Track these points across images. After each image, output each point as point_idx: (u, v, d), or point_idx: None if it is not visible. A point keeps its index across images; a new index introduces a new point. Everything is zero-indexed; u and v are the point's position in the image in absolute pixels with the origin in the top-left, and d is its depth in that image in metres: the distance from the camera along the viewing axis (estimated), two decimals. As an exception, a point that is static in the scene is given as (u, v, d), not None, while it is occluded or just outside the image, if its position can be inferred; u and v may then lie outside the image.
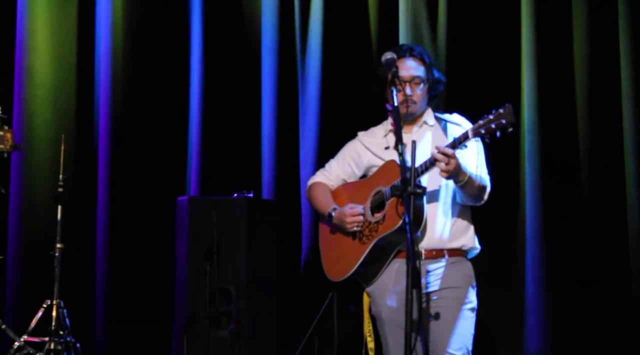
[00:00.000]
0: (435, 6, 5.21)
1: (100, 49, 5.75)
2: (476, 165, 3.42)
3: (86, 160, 5.69)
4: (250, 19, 5.73)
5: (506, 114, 3.15)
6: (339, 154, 3.83)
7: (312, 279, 5.17)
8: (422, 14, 5.22)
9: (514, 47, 5.01)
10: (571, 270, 4.79)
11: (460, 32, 5.11)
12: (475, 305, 3.50)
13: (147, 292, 5.46)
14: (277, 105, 5.62)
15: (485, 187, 3.44)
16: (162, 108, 5.69)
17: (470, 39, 5.07)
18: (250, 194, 5.04)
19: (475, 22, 5.07)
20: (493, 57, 5.02)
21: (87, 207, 5.63)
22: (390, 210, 3.43)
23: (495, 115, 3.17)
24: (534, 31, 4.94)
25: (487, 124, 3.17)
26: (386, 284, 3.52)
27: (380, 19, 5.40)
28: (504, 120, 3.14)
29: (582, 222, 4.78)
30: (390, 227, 3.39)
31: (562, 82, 4.88)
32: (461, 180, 3.31)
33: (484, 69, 5.02)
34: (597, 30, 4.82)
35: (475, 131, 3.21)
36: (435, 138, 3.52)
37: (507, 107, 3.17)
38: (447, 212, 3.48)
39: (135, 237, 5.54)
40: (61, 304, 4.98)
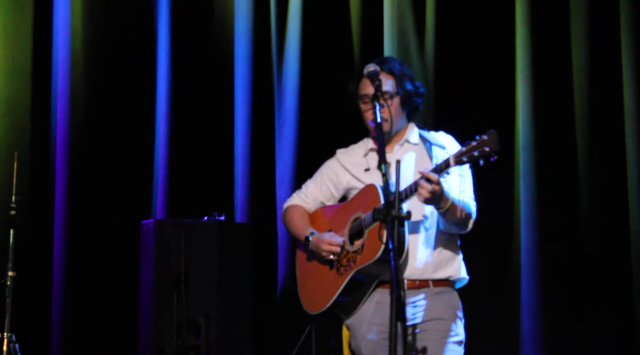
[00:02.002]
0: (423, 13, 5.26)
1: (57, 58, 5.75)
2: (460, 190, 3.43)
3: (41, 180, 5.67)
4: (222, 25, 5.76)
5: (490, 141, 3.13)
6: (317, 174, 3.83)
7: (288, 309, 5.18)
8: (408, 20, 5.28)
9: (508, 56, 5.07)
10: (570, 299, 4.82)
11: (450, 41, 5.16)
12: (463, 338, 3.51)
13: (108, 324, 5.45)
14: (251, 119, 5.65)
15: (470, 214, 3.45)
16: (126, 122, 5.69)
17: (460, 48, 5.13)
18: (221, 216, 5.06)
19: (466, 29, 5.13)
20: (485, 67, 5.07)
21: (42, 231, 5.62)
22: (369, 240, 3.43)
23: (478, 142, 3.15)
24: (530, 41, 5.00)
25: (470, 151, 3.16)
26: (365, 317, 3.52)
27: (363, 26, 5.46)
28: (488, 147, 3.12)
29: (582, 247, 4.82)
30: (370, 258, 3.40)
31: (559, 96, 4.93)
32: (443, 206, 3.31)
33: (475, 81, 5.06)
34: (597, 41, 4.88)
35: (457, 159, 3.20)
36: (419, 160, 3.53)
37: (491, 133, 3.14)
38: (430, 240, 3.49)
39: (96, 264, 5.53)
40: (12, 338, 4.93)
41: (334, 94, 5.13)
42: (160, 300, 4.85)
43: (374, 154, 3.62)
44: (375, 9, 5.38)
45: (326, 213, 3.75)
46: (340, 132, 4.26)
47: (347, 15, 5.48)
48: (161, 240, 4.92)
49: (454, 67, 5.13)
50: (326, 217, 3.73)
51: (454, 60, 5.13)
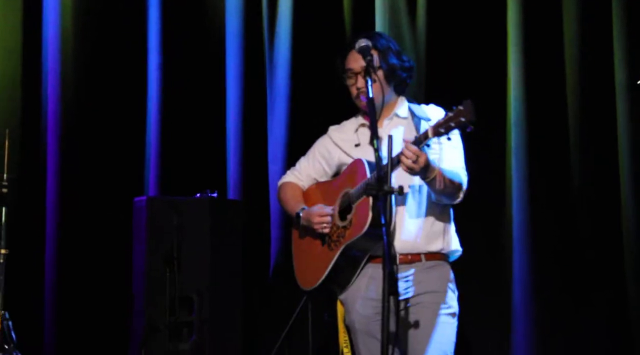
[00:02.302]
0: (414, -11, 5.26)
1: (47, 34, 5.73)
2: (449, 160, 3.45)
3: (33, 157, 5.67)
4: (213, 2, 5.74)
5: (466, 111, 3.15)
6: (309, 151, 3.87)
7: (282, 285, 5.20)
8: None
9: (499, 32, 5.06)
10: (561, 273, 4.85)
11: (441, 17, 5.16)
12: (457, 310, 3.54)
13: (101, 302, 5.46)
14: (242, 96, 5.65)
15: (460, 183, 3.47)
16: (117, 99, 5.69)
17: (451, 24, 5.13)
18: (214, 193, 5.07)
19: (458, 5, 5.12)
20: (477, 43, 5.07)
21: (34, 208, 5.62)
22: (357, 214, 3.47)
23: (455, 112, 3.17)
24: (521, 16, 4.99)
25: (447, 122, 3.18)
26: (359, 291, 3.56)
27: (355, 3, 5.44)
28: (464, 118, 3.14)
29: (573, 222, 4.84)
30: (357, 232, 3.43)
31: (551, 71, 4.93)
32: (428, 176, 3.33)
33: (466, 57, 5.07)
34: (588, 14, 4.87)
35: (435, 130, 3.22)
36: (407, 134, 3.54)
37: (467, 103, 3.17)
38: (420, 212, 3.52)
39: (88, 242, 5.54)
40: (6, 316, 4.95)
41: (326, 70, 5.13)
42: (152, 277, 4.87)
43: (365, 129, 3.65)
44: (367, -15, 5.37)
45: (319, 189, 3.80)
46: (332, 108, 4.29)
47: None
48: (153, 217, 4.93)
49: (445, 43, 5.13)
50: (318, 192, 3.78)
51: (445, 36, 5.14)
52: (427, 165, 3.29)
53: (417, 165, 3.24)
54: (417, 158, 3.23)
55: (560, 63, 4.93)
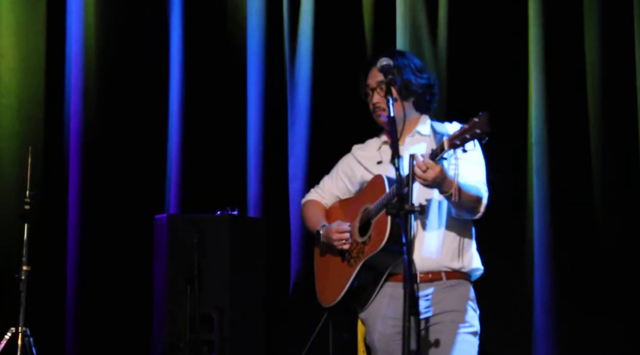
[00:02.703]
0: (436, 6, 5.27)
1: (71, 52, 5.80)
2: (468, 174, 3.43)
3: (55, 175, 5.73)
4: (235, 21, 5.78)
5: (481, 123, 3.14)
6: (333, 169, 3.88)
7: (302, 303, 5.20)
8: (421, 14, 5.29)
9: (521, 50, 5.07)
10: (583, 292, 4.82)
11: (463, 35, 5.17)
12: (478, 329, 3.52)
13: (122, 319, 5.49)
14: (263, 114, 5.67)
15: (480, 197, 3.44)
16: (139, 117, 5.74)
17: (473, 42, 5.14)
18: (234, 211, 5.08)
19: (479, 23, 5.13)
20: (498, 61, 5.08)
21: (56, 225, 5.67)
22: (375, 229, 3.47)
23: (470, 124, 3.16)
24: (543, 34, 5.00)
25: (462, 134, 3.17)
26: (379, 310, 3.54)
27: (376, 20, 5.47)
28: (479, 129, 3.13)
29: (596, 242, 4.82)
30: (376, 247, 3.43)
31: (572, 90, 4.92)
32: (446, 190, 3.33)
33: (487, 74, 5.07)
34: (610, 34, 4.87)
35: (451, 142, 3.21)
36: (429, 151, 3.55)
37: (481, 115, 3.15)
38: (441, 229, 3.50)
39: (109, 259, 5.58)
40: (27, 332, 4.99)
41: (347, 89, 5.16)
42: (173, 295, 4.89)
43: (387, 147, 3.65)
44: (388, 3, 5.39)
45: (341, 207, 3.80)
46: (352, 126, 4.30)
47: (359, 10, 5.49)
48: (174, 235, 4.96)
49: (467, 61, 5.14)
50: (341, 210, 3.78)
51: (466, 54, 5.15)
52: (444, 178, 3.28)
53: (428, 176, 3.23)
54: (428, 169, 3.22)
55: (582, 80, 4.92)
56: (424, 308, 3.46)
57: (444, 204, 3.49)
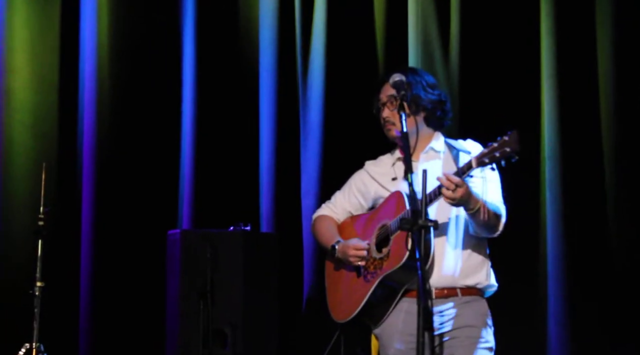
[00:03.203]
0: (447, 23, 5.28)
1: (84, 68, 5.83)
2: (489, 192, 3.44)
3: (69, 191, 5.74)
4: (247, 37, 5.81)
5: (511, 141, 3.17)
6: (345, 185, 3.90)
7: (315, 318, 5.19)
8: (432, 31, 5.30)
9: (533, 66, 5.08)
10: (597, 308, 4.80)
11: (474, 51, 5.18)
12: (493, 345, 3.52)
13: (135, 335, 5.50)
14: (276, 130, 5.69)
15: (500, 215, 3.47)
16: (152, 133, 5.76)
17: (485, 58, 5.14)
18: (247, 226, 5.09)
19: (491, 38, 5.14)
20: (510, 77, 5.09)
21: (69, 241, 5.68)
22: (395, 246, 3.47)
23: (499, 143, 3.19)
24: (555, 49, 5.00)
25: (491, 152, 3.20)
26: (394, 326, 3.55)
27: (388, 36, 5.49)
28: (509, 148, 3.17)
29: (609, 256, 4.80)
30: (395, 264, 3.44)
31: (585, 105, 4.92)
32: (472, 208, 3.34)
33: (500, 90, 5.07)
34: (622, 47, 4.87)
35: (479, 160, 3.24)
36: (446, 167, 3.56)
37: (512, 134, 3.19)
38: (458, 246, 3.52)
39: (123, 274, 5.59)
40: (41, 348, 4.99)
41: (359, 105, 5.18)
42: (186, 310, 4.89)
43: (401, 163, 3.66)
44: (400, 20, 5.41)
45: (354, 223, 3.81)
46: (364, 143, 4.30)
47: (371, 27, 5.52)
48: (187, 250, 4.96)
49: (479, 76, 5.14)
50: (354, 226, 3.79)
51: (478, 69, 5.15)
52: (470, 196, 3.29)
53: (457, 195, 3.25)
54: (456, 188, 3.23)
55: (595, 96, 4.92)
56: (440, 324, 3.47)
57: (461, 221, 3.50)
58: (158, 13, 5.85)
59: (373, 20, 5.55)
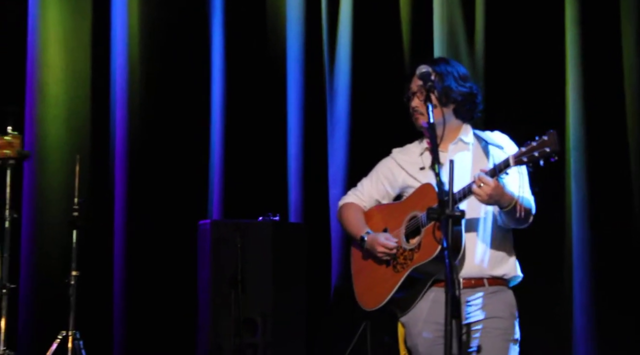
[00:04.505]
0: (472, 14, 5.26)
1: (115, 64, 5.89)
2: (520, 187, 3.43)
3: (102, 182, 5.81)
4: (275, 29, 5.83)
5: (551, 141, 3.15)
6: (372, 172, 3.84)
7: (342, 307, 5.21)
8: (458, 22, 5.29)
9: (557, 56, 5.05)
10: (623, 297, 4.78)
11: (499, 43, 5.16)
12: (518, 336, 3.53)
13: (167, 322, 5.55)
14: (303, 121, 5.71)
15: (530, 209, 3.46)
16: (182, 125, 5.80)
17: (510, 49, 5.12)
18: (276, 216, 5.12)
19: (516, 30, 5.12)
20: (535, 68, 5.07)
21: (103, 231, 5.74)
22: (426, 238, 3.46)
23: (538, 142, 3.17)
24: (580, 40, 4.98)
25: (530, 152, 3.18)
26: (422, 314, 3.55)
27: (414, 29, 5.48)
28: (548, 148, 3.15)
29: (634, 245, 4.78)
30: (427, 256, 3.43)
31: (610, 95, 4.89)
32: (506, 206, 3.34)
33: (525, 82, 5.06)
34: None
35: (517, 159, 3.23)
36: (475, 159, 3.55)
37: (551, 133, 3.16)
38: (487, 238, 3.51)
39: (155, 264, 5.64)
40: (77, 335, 5.05)
41: (385, 95, 5.19)
42: (217, 299, 4.94)
43: (429, 153, 3.64)
44: (425, 11, 5.40)
45: (381, 211, 3.77)
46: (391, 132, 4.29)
47: (397, 17, 5.51)
48: (218, 240, 5.01)
49: (504, 68, 5.13)
50: (381, 215, 3.75)
51: (503, 61, 5.14)
52: (502, 195, 3.29)
53: (487, 196, 3.25)
54: (490, 190, 3.24)
55: (620, 86, 4.89)
56: (467, 313, 3.47)
57: (490, 213, 3.49)
58: (187, 8, 5.87)
59: (399, 12, 5.54)
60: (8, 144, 3.11)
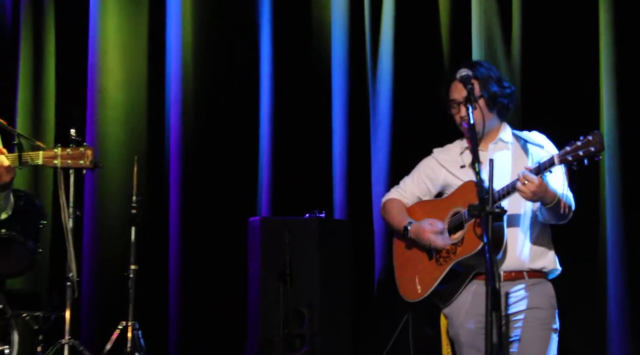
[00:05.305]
0: (509, 19, 5.24)
1: (170, 69, 5.95)
2: (562, 184, 3.41)
3: (158, 181, 5.87)
4: (320, 36, 5.84)
5: (595, 141, 3.15)
6: (414, 171, 3.87)
7: (385, 299, 5.21)
8: (495, 27, 5.26)
9: (591, 58, 5.00)
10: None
11: (535, 47, 5.13)
12: (558, 326, 3.52)
13: (219, 313, 5.59)
14: (348, 123, 5.72)
15: (570, 206, 3.46)
16: (233, 128, 5.85)
17: (545, 52, 5.10)
18: (322, 213, 5.13)
19: (551, 34, 5.09)
20: (570, 71, 5.03)
21: (159, 228, 5.80)
22: (469, 233, 3.47)
23: (583, 142, 3.18)
24: (613, 43, 4.93)
25: (575, 151, 3.19)
26: (463, 306, 3.57)
27: (453, 33, 5.46)
28: (593, 147, 3.15)
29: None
30: (470, 250, 3.44)
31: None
32: (549, 202, 3.34)
33: (560, 83, 5.02)
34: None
35: (562, 158, 3.23)
36: (515, 158, 3.55)
37: (596, 134, 3.17)
38: (526, 233, 3.51)
39: (208, 258, 5.69)
40: (136, 325, 5.13)
41: (425, 97, 5.18)
42: (266, 292, 4.96)
43: (469, 152, 3.63)
44: (464, 17, 5.37)
45: (423, 207, 3.79)
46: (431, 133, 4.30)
47: (437, 24, 5.50)
48: (267, 236, 5.03)
49: (540, 70, 5.10)
50: (423, 211, 3.76)
51: (539, 64, 5.11)
52: (546, 193, 3.27)
53: (532, 193, 3.24)
54: (534, 187, 3.23)
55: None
56: (508, 305, 3.46)
57: (529, 209, 3.48)
58: (237, 17, 5.92)
59: (438, 18, 5.52)
60: (82, 155, 3.27)
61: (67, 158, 3.27)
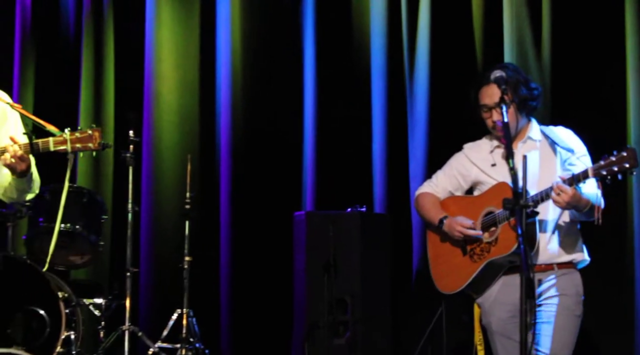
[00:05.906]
0: (539, 23, 5.25)
1: (220, 74, 6.01)
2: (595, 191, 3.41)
3: (209, 179, 5.93)
4: (360, 43, 5.86)
5: (629, 157, 3.14)
6: (446, 166, 3.89)
7: (423, 289, 5.25)
8: (526, 31, 5.27)
9: (618, 59, 5.00)
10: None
11: (565, 50, 5.15)
12: (581, 313, 3.54)
13: (268, 302, 5.66)
14: (387, 122, 5.73)
15: (600, 206, 3.45)
16: (279, 129, 5.90)
17: (574, 56, 5.11)
18: (363, 208, 5.18)
19: (580, 39, 5.10)
20: (597, 70, 5.03)
21: (211, 222, 5.87)
22: (503, 234, 3.50)
23: (617, 157, 3.17)
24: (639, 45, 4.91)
25: (609, 165, 3.18)
26: (495, 297, 3.60)
27: (485, 37, 5.48)
28: (627, 163, 3.14)
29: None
30: (504, 251, 3.47)
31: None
32: (583, 209, 3.36)
33: (589, 85, 5.02)
34: None
35: (596, 172, 3.21)
36: (543, 157, 3.57)
37: (630, 149, 3.16)
38: (556, 229, 3.54)
39: (256, 250, 5.75)
40: (191, 313, 5.23)
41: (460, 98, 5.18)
42: (312, 282, 5.00)
43: (500, 150, 3.66)
44: (496, 21, 5.40)
45: (456, 202, 3.81)
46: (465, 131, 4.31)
47: (470, 29, 5.52)
48: (312, 229, 5.07)
49: (569, 72, 5.11)
50: (457, 206, 3.79)
51: (568, 66, 5.12)
52: (579, 200, 3.30)
53: (565, 203, 3.26)
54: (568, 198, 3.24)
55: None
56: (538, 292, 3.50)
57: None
58: (282, 25, 5.97)
59: (472, 22, 5.53)
60: (90, 137, 3.14)
61: (75, 142, 3.08)
